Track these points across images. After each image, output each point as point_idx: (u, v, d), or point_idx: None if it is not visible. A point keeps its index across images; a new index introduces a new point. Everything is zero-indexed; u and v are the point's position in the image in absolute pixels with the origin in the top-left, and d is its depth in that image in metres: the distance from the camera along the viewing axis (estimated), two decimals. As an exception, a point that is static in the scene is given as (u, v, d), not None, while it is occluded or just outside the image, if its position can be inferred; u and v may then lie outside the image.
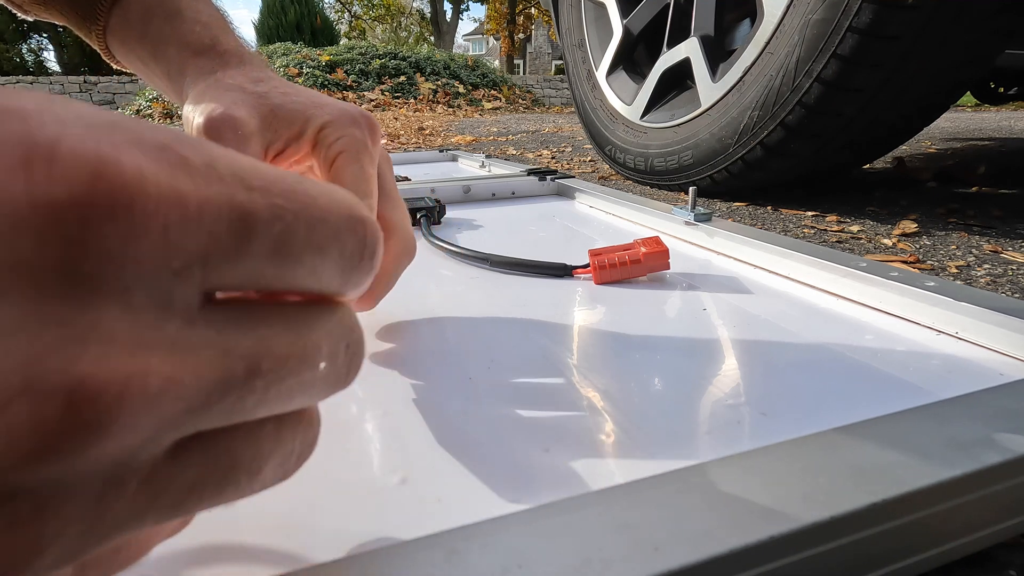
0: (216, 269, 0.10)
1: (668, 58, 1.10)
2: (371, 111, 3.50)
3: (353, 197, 0.13)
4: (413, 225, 0.43)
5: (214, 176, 0.10)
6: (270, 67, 0.33)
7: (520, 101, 6.01)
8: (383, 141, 0.32)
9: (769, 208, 0.93)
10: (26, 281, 0.08)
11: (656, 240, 0.45)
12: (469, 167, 1.20)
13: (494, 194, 0.83)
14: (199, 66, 0.31)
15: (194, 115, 0.27)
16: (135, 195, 0.08)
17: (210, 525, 0.19)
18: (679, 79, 1.11)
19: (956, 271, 0.60)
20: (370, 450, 0.24)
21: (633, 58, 1.27)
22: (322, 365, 0.12)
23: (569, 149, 1.95)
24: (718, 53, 1.00)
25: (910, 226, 0.77)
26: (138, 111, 4.88)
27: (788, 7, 0.83)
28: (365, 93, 4.93)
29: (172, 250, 0.09)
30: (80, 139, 0.08)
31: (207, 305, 0.10)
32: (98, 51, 0.36)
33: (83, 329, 0.08)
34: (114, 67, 0.37)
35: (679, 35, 1.08)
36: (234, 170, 0.10)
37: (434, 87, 5.31)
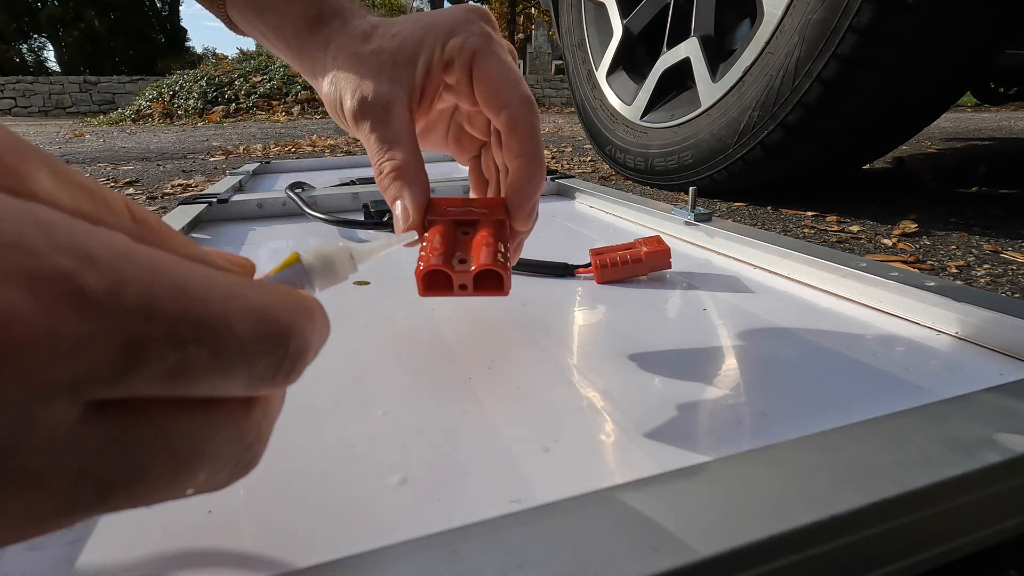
0: (97, 390, 0.10)
1: (668, 58, 1.10)
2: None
3: (286, 307, 0.13)
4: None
5: (109, 306, 0.10)
6: (367, 8, 0.33)
7: (520, 101, 5.99)
8: None
9: (769, 208, 0.93)
10: None
11: (657, 239, 0.45)
12: (469, 167, 1.20)
13: (494, 194, 0.83)
14: (315, 43, 0.31)
15: (336, 104, 0.30)
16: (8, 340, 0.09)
17: (210, 525, 0.19)
18: (679, 79, 1.11)
19: (956, 271, 0.60)
20: (370, 450, 0.24)
21: (633, 58, 1.27)
22: (200, 477, 0.12)
23: (569, 149, 1.95)
24: (718, 53, 1.00)
25: (910, 226, 0.77)
26: (138, 111, 4.88)
27: (788, 7, 0.82)
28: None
29: (35, 383, 0.09)
30: None
31: (86, 416, 0.10)
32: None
33: None
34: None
35: (679, 35, 1.08)
36: (145, 297, 0.10)
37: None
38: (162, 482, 0.12)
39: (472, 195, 0.36)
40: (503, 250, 0.26)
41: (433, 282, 0.26)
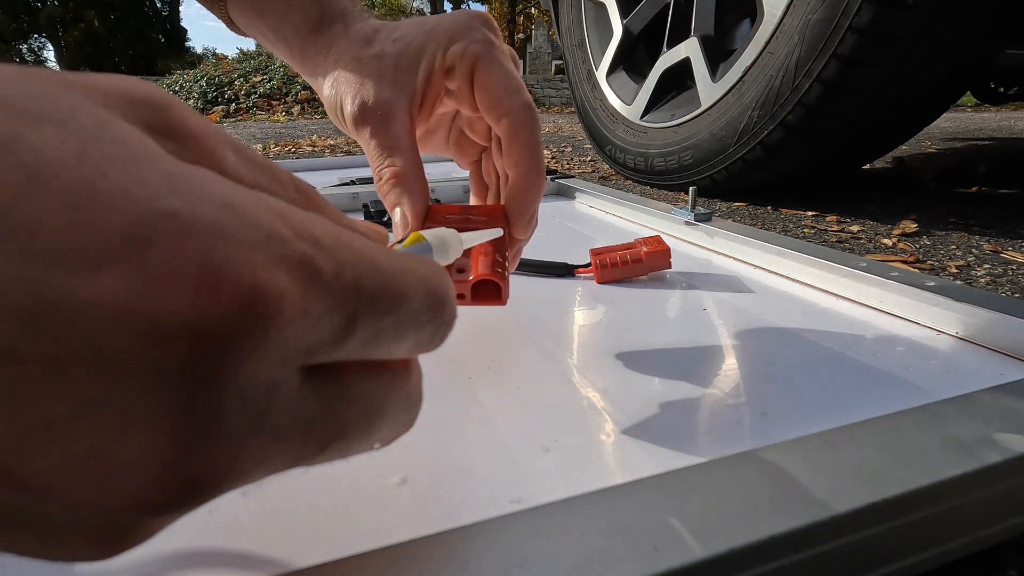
0: (316, 356, 0.11)
1: (668, 58, 1.10)
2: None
3: (441, 279, 0.14)
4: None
5: (336, 286, 0.11)
6: (370, 12, 0.33)
7: (520, 101, 5.99)
8: None
9: (769, 208, 0.93)
10: (170, 380, 0.09)
11: (657, 239, 0.45)
12: (469, 167, 1.20)
13: (494, 194, 0.83)
14: (317, 46, 0.31)
15: (336, 108, 0.30)
16: (272, 321, 0.10)
17: (210, 525, 0.19)
18: (679, 79, 1.11)
19: (956, 271, 0.60)
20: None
21: (633, 58, 1.27)
22: (382, 432, 0.14)
23: (569, 149, 1.95)
24: (718, 53, 1.00)
25: (910, 226, 0.77)
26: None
27: (788, 7, 0.82)
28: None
29: (292, 347, 0.11)
30: (242, 265, 0.10)
31: (304, 380, 0.12)
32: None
33: (205, 422, 0.10)
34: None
35: (679, 35, 1.08)
36: (355, 276, 0.12)
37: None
38: (359, 435, 0.13)
39: (472, 200, 0.36)
40: (502, 260, 0.26)
41: None
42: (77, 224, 0.08)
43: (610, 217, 0.70)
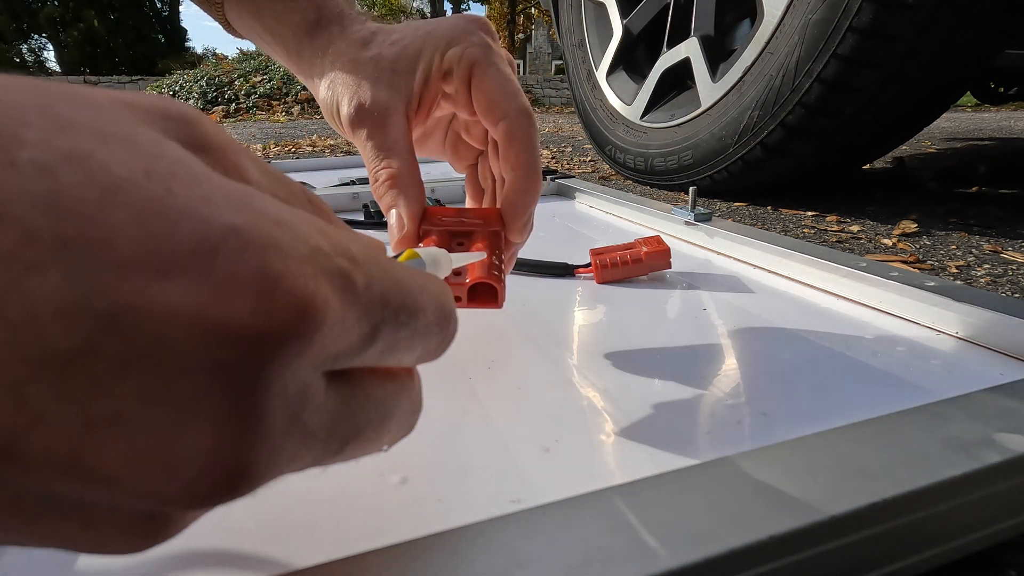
0: (340, 363, 0.12)
1: (668, 58, 1.10)
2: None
3: (448, 295, 0.16)
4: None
5: (366, 298, 0.12)
6: (367, 14, 0.33)
7: (520, 101, 5.99)
8: None
9: (769, 208, 0.93)
10: (227, 380, 0.10)
11: (657, 239, 0.45)
12: (469, 167, 1.20)
13: (494, 194, 0.83)
14: (313, 47, 0.31)
15: (332, 109, 0.30)
16: (317, 328, 0.11)
17: (210, 525, 0.19)
18: (679, 79, 1.11)
19: (956, 271, 0.60)
20: (370, 450, 0.24)
21: (633, 58, 1.27)
22: (391, 434, 0.15)
23: (569, 149, 1.95)
24: (718, 53, 1.00)
25: (910, 226, 0.77)
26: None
27: (788, 7, 0.82)
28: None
29: (324, 353, 0.11)
30: (295, 277, 0.10)
31: (328, 383, 0.12)
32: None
33: (254, 419, 0.10)
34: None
35: (679, 35, 1.08)
36: (381, 291, 0.13)
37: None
38: (372, 437, 0.14)
39: (468, 203, 0.36)
40: (498, 263, 0.26)
41: None
42: (149, 236, 0.09)
43: (610, 217, 0.70)
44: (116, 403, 0.09)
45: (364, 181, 0.90)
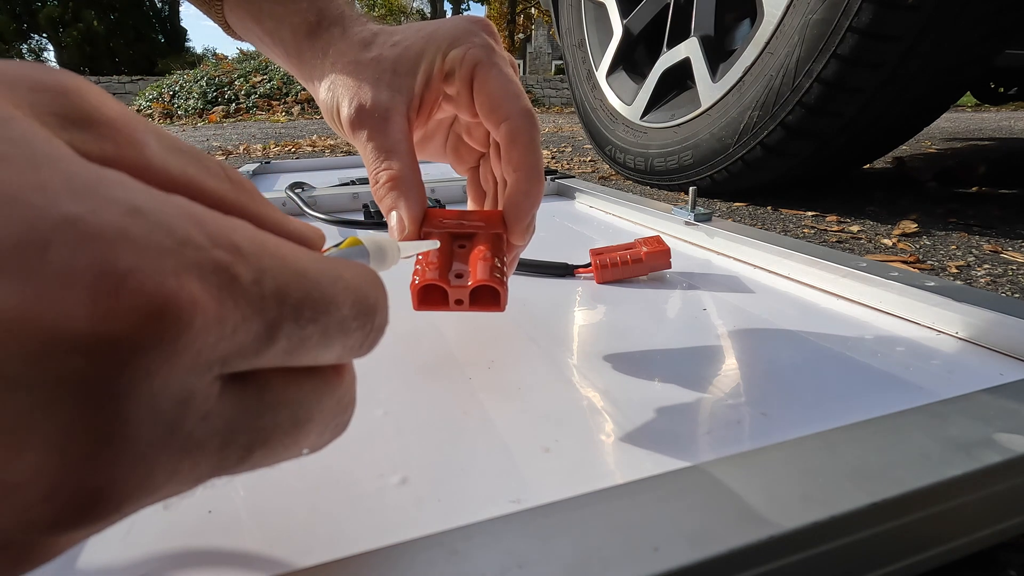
0: (235, 364, 0.11)
1: (668, 58, 1.10)
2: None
3: (373, 285, 0.14)
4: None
5: (255, 294, 0.11)
6: (367, 16, 0.33)
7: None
8: None
9: (769, 208, 0.93)
10: (68, 393, 0.09)
11: (657, 239, 0.45)
12: (469, 167, 1.19)
13: (494, 194, 0.83)
14: (314, 49, 0.31)
15: (333, 111, 0.30)
16: (183, 331, 0.09)
17: (211, 525, 0.19)
18: (679, 79, 1.11)
19: (956, 271, 0.60)
20: (370, 450, 0.24)
21: (633, 58, 1.27)
22: (311, 437, 0.14)
23: (569, 149, 1.95)
24: (718, 53, 1.01)
25: (910, 226, 0.77)
26: (138, 111, 4.88)
27: (788, 7, 0.83)
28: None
29: (207, 356, 0.10)
30: (146, 273, 0.09)
31: (224, 388, 0.11)
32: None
33: (106, 436, 0.09)
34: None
35: (679, 35, 1.08)
36: (276, 284, 0.11)
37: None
38: (285, 443, 0.13)
39: (470, 205, 0.36)
40: (500, 265, 0.26)
41: (428, 297, 0.25)
42: None
43: (610, 217, 0.70)
44: None
45: (364, 181, 0.90)
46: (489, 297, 0.25)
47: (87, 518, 0.10)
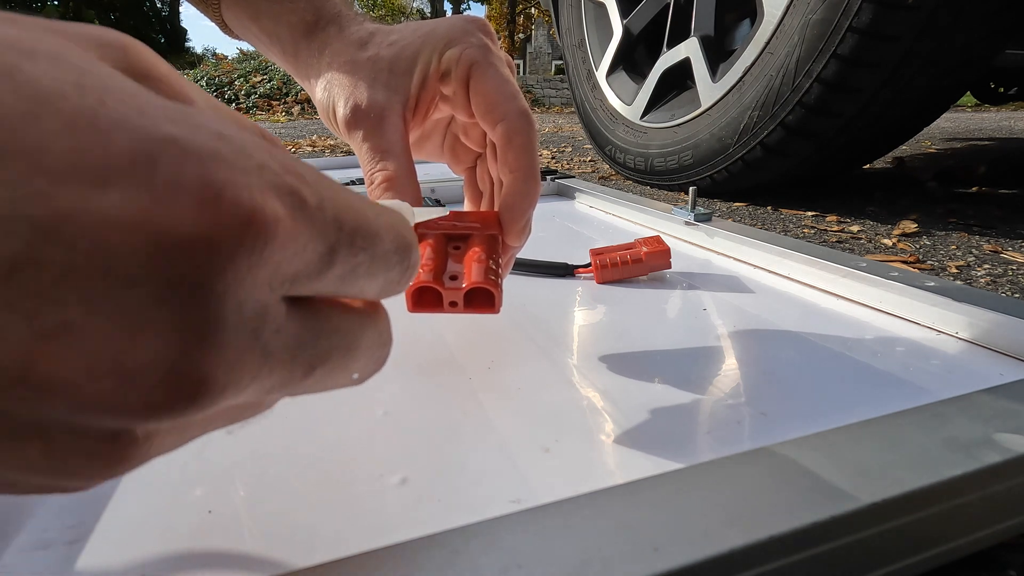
0: (300, 285, 0.12)
1: (668, 58, 1.10)
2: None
3: (407, 226, 0.15)
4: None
5: (319, 218, 0.12)
6: (365, 15, 0.33)
7: (520, 101, 6.00)
8: None
9: (769, 208, 0.93)
10: (177, 290, 0.10)
11: (657, 239, 0.45)
12: (469, 167, 1.20)
13: (494, 194, 0.83)
14: (311, 48, 0.31)
15: (329, 110, 0.30)
16: (268, 241, 0.11)
17: (210, 525, 0.19)
18: (679, 79, 1.11)
19: (956, 271, 0.60)
20: (370, 450, 0.24)
21: (633, 58, 1.27)
22: (359, 365, 0.15)
23: (569, 149, 1.95)
24: (718, 53, 1.01)
25: (910, 226, 0.77)
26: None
27: (788, 7, 0.83)
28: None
29: (280, 272, 0.11)
30: (240, 187, 0.10)
31: (289, 307, 0.12)
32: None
33: (208, 332, 0.10)
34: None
35: (679, 35, 1.08)
36: (335, 212, 0.12)
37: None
38: (341, 364, 0.14)
39: (466, 206, 0.36)
40: (495, 267, 0.26)
41: (422, 299, 0.25)
42: (84, 145, 0.09)
43: (610, 217, 0.70)
44: (64, 312, 0.09)
45: (363, 181, 0.90)
46: (483, 299, 0.25)
47: (190, 403, 0.10)
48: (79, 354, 0.09)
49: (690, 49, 1.04)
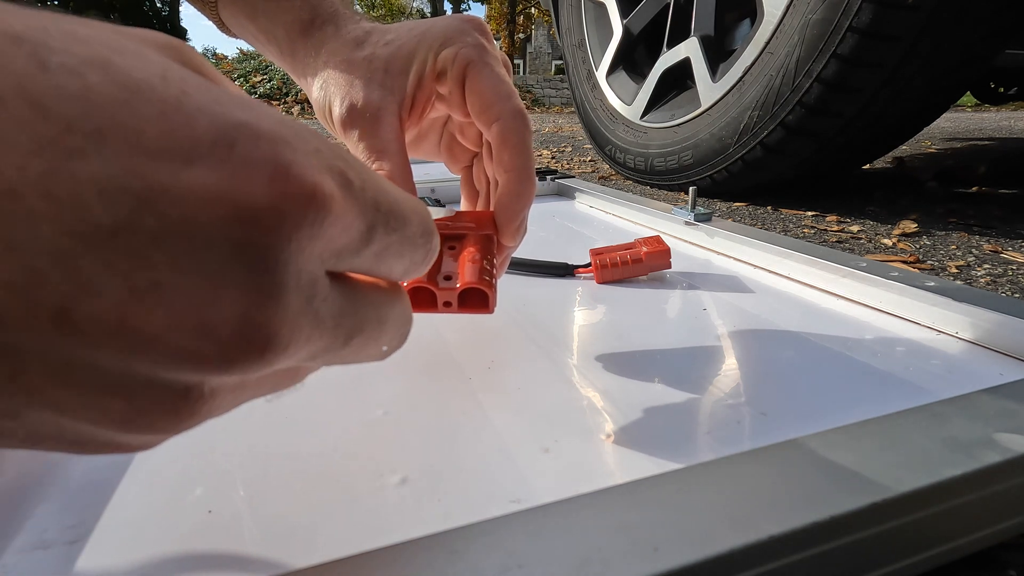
0: (342, 260, 0.14)
1: (668, 58, 1.10)
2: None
3: (429, 212, 0.17)
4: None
5: (362, 198, 0.13)
6: (362, 14, 0.33)
7: (520, 101, 6.01)
8: None
9: (769, 208, 0.93)
10: (249, 254, 0.11)
11: (657, 239, 0.45)
12: (469, 167, 1.20)
13: (494, 194, 0.83)
14: (307, 47, 0.31)
15: (325, 109, 0.30)
16: (325, 216, 0.12)
17: (210, 525, 0.19)
18: (679, 79, 1.11)
19: (956, 271, 0.60)
20: (370, 450, 0.24)
21: (633, 58, 1.27)
22: (387, 338, 0.17)
23: (569, 149, 1.95)
24: (718, 53, 1.01)
25: (910, 226, 0.77)
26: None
27: (788, 7, 0.83)
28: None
29: (329, 246, 0.13)
30: (303, 167, 0.12)
31: (331, 280, 0.14)
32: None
33: (275, 293, 0.12)
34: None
35: (679, 35, 1.08)
36: (374, 194, 0.14)
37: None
38: (372, 338, 0.16)
39: (462, 205, 0.36)
40: (489, 268, 0.26)
41: (417, 299, 0.25)
42: (173, 128, 0.11)
43: (610, 217, 0.70)
44: (154, 273, 0.10)
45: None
46: (478, 299, 0.25)
47: (259, 356, 0.12)
48: (166, 310, 0.10)
49: (690, 49, 1.04)
